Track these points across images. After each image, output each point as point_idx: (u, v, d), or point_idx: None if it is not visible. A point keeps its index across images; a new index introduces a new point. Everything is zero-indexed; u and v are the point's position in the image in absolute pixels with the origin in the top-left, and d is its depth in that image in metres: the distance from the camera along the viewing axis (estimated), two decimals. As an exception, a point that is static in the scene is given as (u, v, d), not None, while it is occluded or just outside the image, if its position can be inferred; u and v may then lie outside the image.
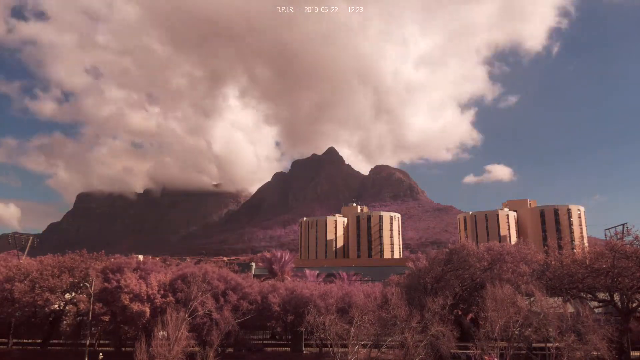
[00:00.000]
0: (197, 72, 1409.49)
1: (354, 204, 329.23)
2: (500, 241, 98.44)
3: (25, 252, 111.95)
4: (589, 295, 60.74)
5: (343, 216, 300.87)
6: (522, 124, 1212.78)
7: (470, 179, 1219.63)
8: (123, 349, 65.23)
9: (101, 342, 70.36)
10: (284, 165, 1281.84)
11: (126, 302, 59.65)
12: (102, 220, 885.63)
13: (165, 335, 46.06)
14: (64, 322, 69.49)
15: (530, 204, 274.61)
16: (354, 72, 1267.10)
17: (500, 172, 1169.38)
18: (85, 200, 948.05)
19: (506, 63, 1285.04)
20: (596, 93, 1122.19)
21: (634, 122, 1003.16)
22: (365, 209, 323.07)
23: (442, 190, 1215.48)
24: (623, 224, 73.12)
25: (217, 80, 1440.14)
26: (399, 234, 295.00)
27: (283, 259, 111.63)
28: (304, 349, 65.49)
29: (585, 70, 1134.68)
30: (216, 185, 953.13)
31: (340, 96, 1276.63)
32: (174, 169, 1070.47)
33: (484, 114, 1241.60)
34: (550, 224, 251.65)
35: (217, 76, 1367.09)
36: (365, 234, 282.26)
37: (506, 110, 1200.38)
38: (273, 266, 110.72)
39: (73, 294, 68.71)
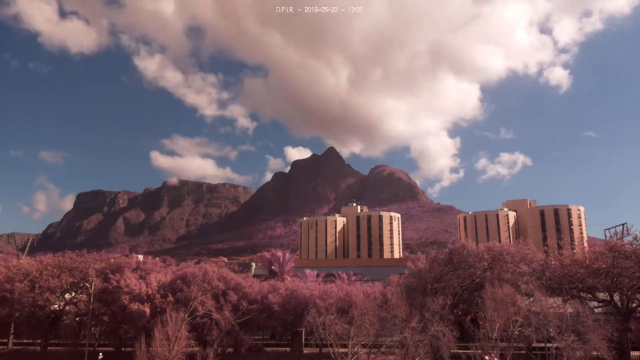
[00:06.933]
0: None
1: (354, 204, 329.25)
2: (500, 241, 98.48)
3: (25, 252, 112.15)
4: (588, 295, 60.72)
5: (343, 216, 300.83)
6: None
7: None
8: (123, 349, 65.29)
9: (101, 342, 70.37)
10: (284, 166, 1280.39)
11: (126, 302, 59.70)
12: (102, 220, 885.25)
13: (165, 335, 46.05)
14: (64, 322, 69.57)
15: (530, 204, 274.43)
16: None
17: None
18: (85, 200, 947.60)
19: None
20: (597, 92, 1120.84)
21: (634, 121, 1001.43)
22: (365, 209, 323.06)
23: (442, 189, 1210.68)
24: (623, 224, 73.52)
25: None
26: (398, 234, 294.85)
27: (283, 259, 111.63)
28: (304, 349, 65.53)
29: (586, 70, 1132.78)
30: (216, 185, 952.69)
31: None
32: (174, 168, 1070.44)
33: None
34: (550, 224, 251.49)
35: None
36: (365, 234, 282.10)
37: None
38: (273, 266, 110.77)
39: (73, 294, 68.77)
